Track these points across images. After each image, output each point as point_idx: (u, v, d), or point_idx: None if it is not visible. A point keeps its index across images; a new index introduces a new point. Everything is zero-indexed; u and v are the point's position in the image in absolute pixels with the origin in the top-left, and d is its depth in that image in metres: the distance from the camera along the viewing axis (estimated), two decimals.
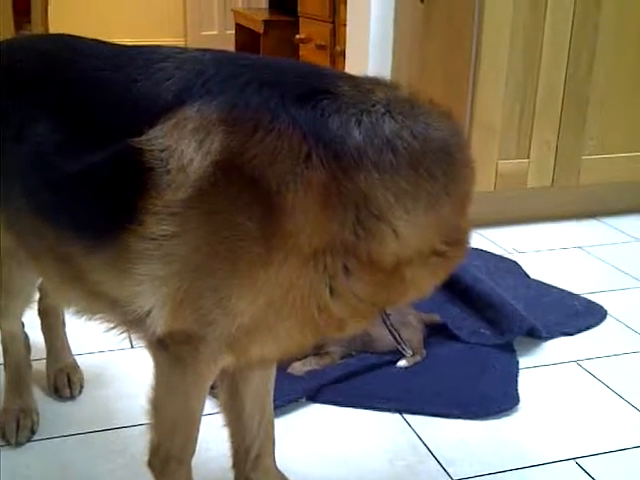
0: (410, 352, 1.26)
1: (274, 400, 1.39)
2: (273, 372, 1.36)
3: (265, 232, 1.02)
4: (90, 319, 1.27)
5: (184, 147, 1.03)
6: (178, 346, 1.10)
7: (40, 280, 1.59)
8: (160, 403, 1.18)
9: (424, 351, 1.90)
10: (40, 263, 1.28)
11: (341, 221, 1.02)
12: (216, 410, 1.52)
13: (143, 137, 1.05)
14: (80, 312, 1.29)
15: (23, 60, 1.26)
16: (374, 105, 1.05)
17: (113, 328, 1.22)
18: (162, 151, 1.04)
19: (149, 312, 1.09)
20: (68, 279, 1.22)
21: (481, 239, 2.60)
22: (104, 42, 1.23)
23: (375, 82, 1.11)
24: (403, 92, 1.09)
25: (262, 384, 1.35)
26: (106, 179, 1.10)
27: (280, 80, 1.08)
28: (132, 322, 1.14)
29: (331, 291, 1.06)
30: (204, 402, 1.21)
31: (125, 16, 5.32)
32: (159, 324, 1.09)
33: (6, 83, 1.22)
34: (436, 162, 1.05)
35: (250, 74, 1.07)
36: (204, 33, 5.97)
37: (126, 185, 1.07)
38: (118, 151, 1.07)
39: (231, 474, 1.42)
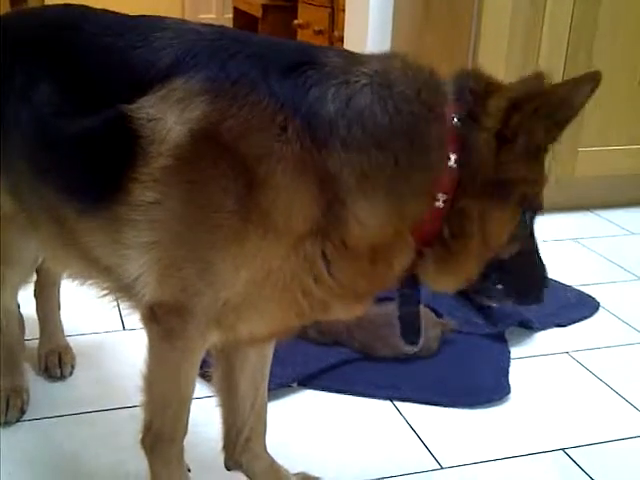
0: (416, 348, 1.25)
1: None
2: (270, 357, 1.36)
3: (240, 205, 1.03)
4: (84, 284, 1.29)
5: (168, 117, 1.05)
6: (167, 318, 1.11)
7: (39, 259, 1.59)
8: (151, 379, 1.19)
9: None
10: (39, 226, 1.29)
11: (315, 201, 1.01)
12: (207, 394, 1.53)
13: (134, 105, 1.07)
14: (75, 276, 1.31)
15: (29, 26, 1.28)
16: (358, 76, 1.03)
17: (106, 295, 1.23)
18: (150, 121, 1.06)
19: (137, 279, 1.11)
20: (64, 242, 1.23)
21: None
22: (111, 11, 1.25)
23: (375, 55, 1.09)
24: (396, 61, 1.07)
25: (258, 368, 1.35)
26: (99, 144, 1.11)
27: (268, 53, 1.08)
28: (123, 289, 1.16)
29: (313, 276, 1.06)
30: (194, 379, 1.21)
31: None
32: (147, 292, 1.11)
33: (12, 48, 1.24)
34: (402, 142, 1.02)
35: (239, 47, 1.08)
36: (202, 17, 5.92)
37: (116, 151, 1.09)
38: (111, 117, 1.08)
39: (221, 458, 1.42)
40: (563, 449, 1.61)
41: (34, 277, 1.72)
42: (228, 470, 1.42)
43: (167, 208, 1.06)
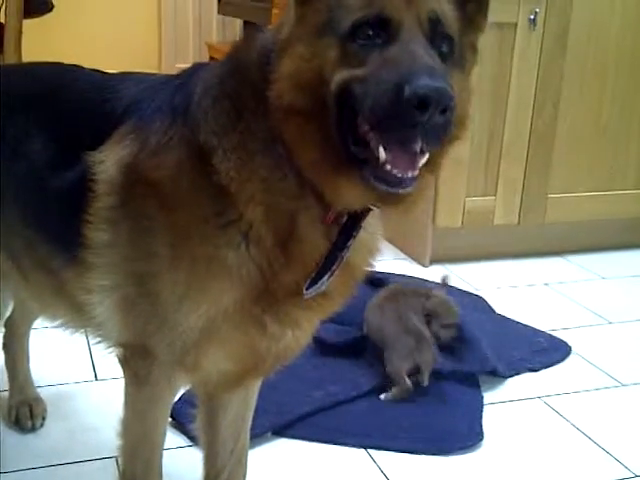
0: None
1: None
2: (253, 403, 1.38)
3: (165, 233, 1.06)
4: (74, 332, 1.35)
5: (109, 158, 1.11)
6: (134, 362, 1.15)
7: (9, 310, 1.59)
8: (123, 423, 1.22)
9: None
10: (29, 276, 1.32)
11: (214, 194, 1.03)
12: (182, 444, 1.51)
13: (95, 152, 1.13)
14: (65, 325, 1.35)
15: (24, 83, 1.33)
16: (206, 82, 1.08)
17: (100, 342, 1.25)
18: (99, 164, 1.12)
19: (105, 323, 1.15)
20: (53, 291, 1.27)
21: (448, 274, 2.61)
22: (99, 71, 1.31)
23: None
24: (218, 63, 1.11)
25: (240, 413, 1.36)
26: (75, 193, 1.15)
27: (180, 80, 1.14)
28: (100, 334, 1.20)
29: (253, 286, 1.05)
30: (164, 425, 1.23)
31: (99, 48, 5.31)
32: (114, 335, 1.15)
33: (5, 102, 1.29)
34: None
35: (174, 87, 1.13)
36: (178, 65, 5.98)
37: (81, 199, 1.13)
38: (83, 167, 1.14)
39: None
40: None
41: (2, 329, 1.71)
42: None
43: (117, 246, 1.10)
